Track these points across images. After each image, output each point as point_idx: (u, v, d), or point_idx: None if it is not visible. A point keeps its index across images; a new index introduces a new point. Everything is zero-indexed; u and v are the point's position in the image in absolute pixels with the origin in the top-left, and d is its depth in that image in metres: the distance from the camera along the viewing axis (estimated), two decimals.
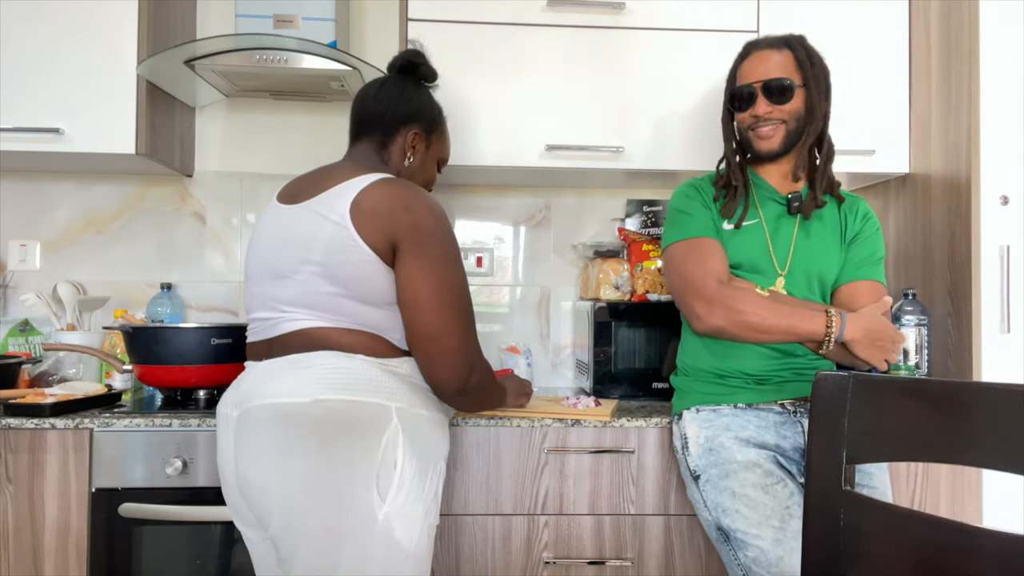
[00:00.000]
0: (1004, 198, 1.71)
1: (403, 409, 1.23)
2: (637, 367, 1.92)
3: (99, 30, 1.82)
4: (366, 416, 1.19)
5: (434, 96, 1.49)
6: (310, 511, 1.16)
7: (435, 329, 1.24)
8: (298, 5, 1.92)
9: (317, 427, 1.17)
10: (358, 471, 1.17)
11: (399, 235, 1.22)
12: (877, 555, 0.86)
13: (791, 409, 1.47)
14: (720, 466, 1.41)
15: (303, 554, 1.17)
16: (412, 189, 1.27)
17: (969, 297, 1.72)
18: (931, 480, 1.67)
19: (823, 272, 1.50)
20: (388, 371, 1.24)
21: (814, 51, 1.51)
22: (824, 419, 0.92)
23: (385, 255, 1.23)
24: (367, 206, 1.23)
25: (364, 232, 1.21)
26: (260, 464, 1.19)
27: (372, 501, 1.17)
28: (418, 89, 1.45)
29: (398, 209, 1.23)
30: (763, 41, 1.52)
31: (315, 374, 1.20)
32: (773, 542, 1.33)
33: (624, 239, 2.07)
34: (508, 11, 1.89)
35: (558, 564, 1.62)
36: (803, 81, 1.47)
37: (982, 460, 0.82)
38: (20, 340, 2.08)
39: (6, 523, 1.55)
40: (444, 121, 1.50)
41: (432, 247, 1.24)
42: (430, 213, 1.26)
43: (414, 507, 1.22)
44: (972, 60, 1.72)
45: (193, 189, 2.22)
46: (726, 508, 1.39)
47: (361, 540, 1.17)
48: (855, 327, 1.39)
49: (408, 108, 1.41)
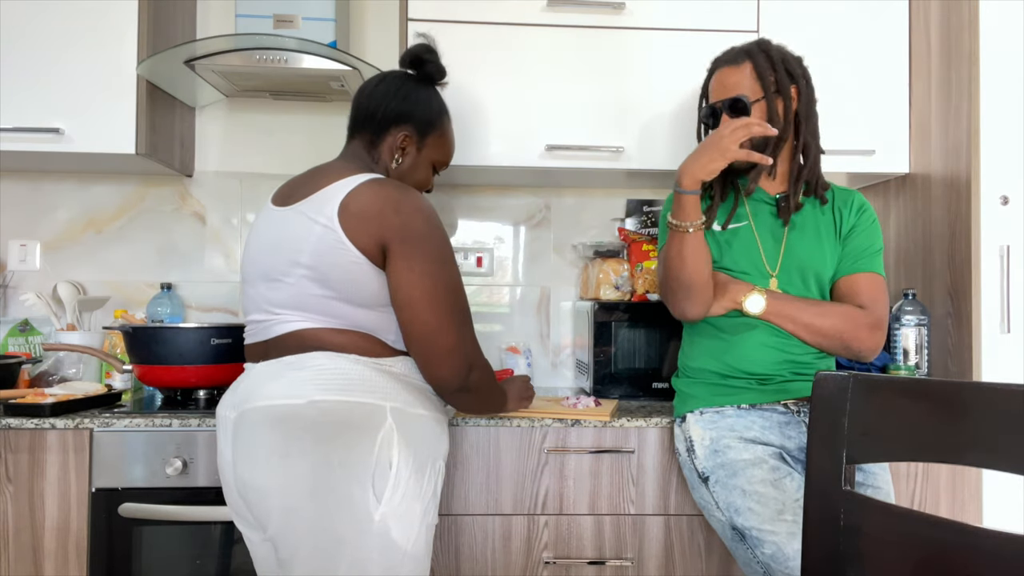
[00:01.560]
0: (1004, 198, 1.71)
1: (398, 409, 1.22)
2: (637, 367, 1.92)
3: (99, 30, 1.82)
4: (361, 416, 1.19)
5: (439, 96, 1.45)
6: (308, 512, 1.17)
7: (431, 329, 1.23)
8: (298, 5, 1.92)
9: (313, 428, 1.17)
10: (354, 472, 1.17)
11: (388, 237, 1.21)
12: (877, 555, 0.86)
13: (795, 409, 1.47)
14: (727, 466, 1.41)
15: (302, 555, 1.17)
16: (401, 190, 1.26)
17: (969, 297, 1.72)
18: (931, 480, 1.67)
19: (817, 269, 1.50)
20: (382, 371, 1.24)
21: (779, 53, 1.49)
22: (824, 419, 0.92)
23: (375, 257, 1.22)
24: (355, 209, 1.22)
25: (353, 235, 1.21)
26: (258, 466, 1.19)
27: (368, 501, 1.17)
28: (418, 87, 1.42)
29: (387, 211, 1.22)
30: (725, 57, 1.53)
31: (309, 375, 1.20)
32: (789, 536, 1.32)
33: (624, 239, 2.07)
34: (508, 11, 1.89)
35: (558, 564, 1.62)
36: (763, 94, 1.46)
37: (982, 460, 0.82)
38: (20, 340, 2.08)
39: (6, 523, 1.55)
40: (444, 123, 1.45)
41: (423, 248, 1.23)
42: (419, 213, 1.24)
43: (411, 507, 1.22)
44: (972, 60, 1.72)
45: (193, 189, 2.22)
46: (738, 507, 1.39)
47: (358, 541, 1.17)
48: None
49: (401, 107, 1.38)
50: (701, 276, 1.43)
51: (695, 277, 1.42)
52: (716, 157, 1.37)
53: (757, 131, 1.37)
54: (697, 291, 1.44)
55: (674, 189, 1.42)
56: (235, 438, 1.23)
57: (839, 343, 1.46)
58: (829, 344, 1.46)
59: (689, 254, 1.42)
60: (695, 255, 1.42)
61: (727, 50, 1.54)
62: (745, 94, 1.47)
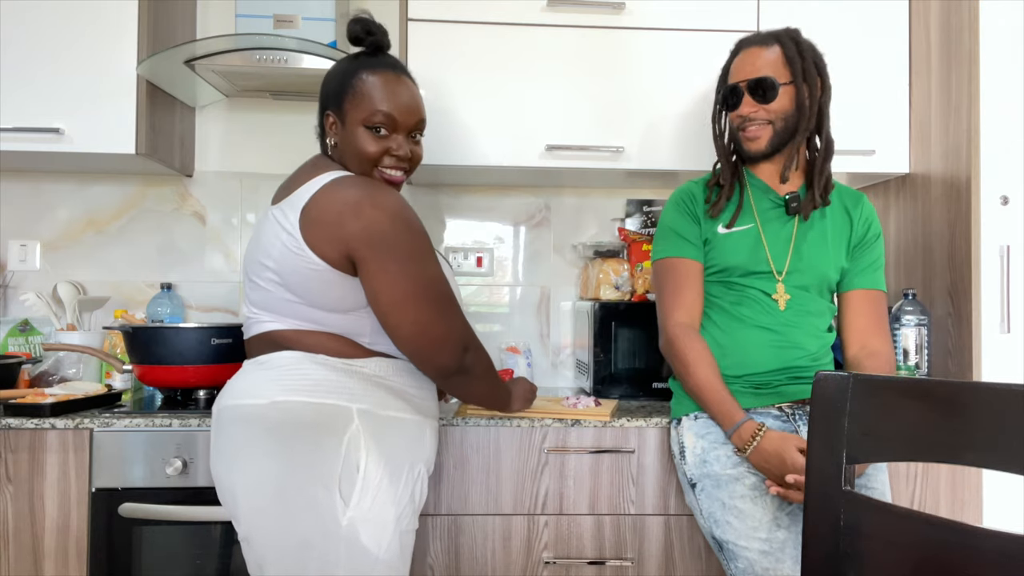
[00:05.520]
0: (1004, 198, 1.71)
1: (366, 410, 1.20)
2: (637, 367, 1.91)
3: (99, 30, 1.82)
4: (325, 418, 1.17)
5: (355, 59, 1.31)
6: (274, 513, 1.16)
7: (421, 326, 1.21)
8: (298, 5, 1.92)
9: (276, 429, 1.17)
10: (318, 474, 1.15)
11: (353, 245, 1.17)
12: (877, 555, 0.86)
13: (789, 412, 1.47)
14: (712, 477, 1.41)
15: (271, 557, 1.18)
16: (359, 188, 1.21)
17: (969, 297, 1.72)
18: (931, 480, 1.67)
19: (825, 273, 1.49)
20: (352, 372, 1.22)
21: (807, 45, 1.48)
22: (824, 419, 0.92)
23: (341, 265, 1.18)
24: (314, 215, 1.18)
25: (313, 242, 1.17)
26: (225, 464, 1.21)
27: (334, 505, 1.15)
28: (340, 62, 1.33)
29: (346, 215, 1.17)
30: (753, 38, 1.51)
31: (275, 375, 1.20)
32: (760, 553, 1.33)
33: (624, 239, 2.06)
34: (508, 11, 1.88)
35: (558, 564, 1.62)
36: (791, 78, 1.45)
37: (982, 460, 0.82)
38: (20, 340, 2.08)
39: (6, 523, 1.55)
40: (356, 81, 1.28)
41: (393, 249, 1.18)
42: (381, 212, 1.18)
43: (383, 512, 1.19)
44: (972, 60, 1.72)
45: (193, 189, 2.22)
46: (717, 519, 1.39)
47: (325, 544, 1.15)
48: (758, 457, 1.35)
49: (322, 92, 1.33)
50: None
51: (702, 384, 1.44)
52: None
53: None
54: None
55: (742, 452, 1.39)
56: (212, 436, 1.25)
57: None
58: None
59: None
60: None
61: (753, 33, 1.52)
62: (774, 75, 1.45)
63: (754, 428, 1.36)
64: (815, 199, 1.48)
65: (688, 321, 1.48)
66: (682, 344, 1.45)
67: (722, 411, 1.40)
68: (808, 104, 1.45)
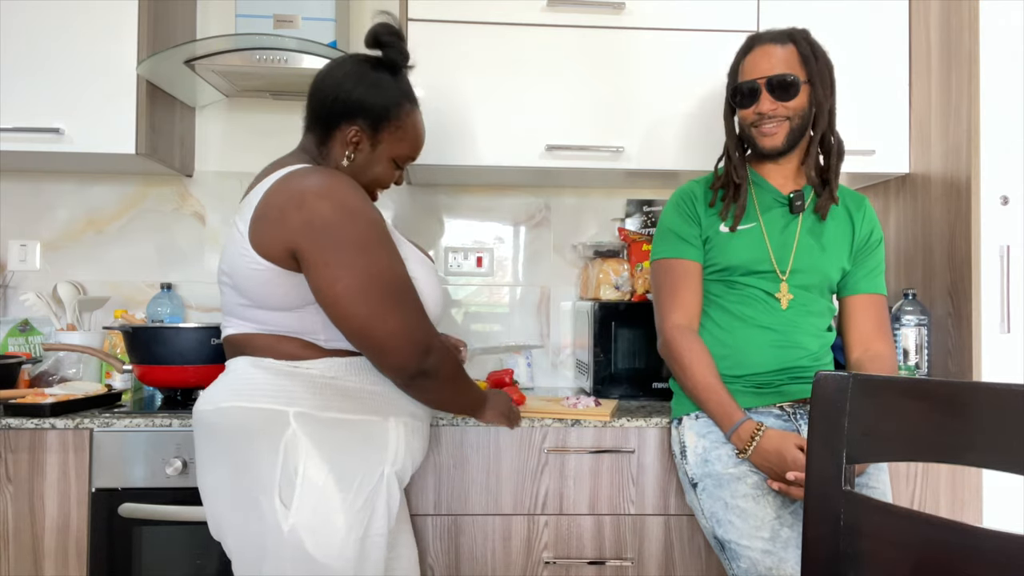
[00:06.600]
0: (1004, 198, 1.71)
1: (304, 413, 1.16)
2: (637, 367, 1.91)
3: (99, 30, 1.82)
4: (259, 422, 1.16)
5: (400, 83, 1.31)
6: (230, 519, 1.19)
7: (363, 320, 1.14)
8: (298, 5, 1.92)
9: (219, 434, 1.19)
10: (258, 479, 1.14)
11: (294, 240, 1.13)
12: (877, 555, 0.86)
13: (790, 411, 1.47)
14: (714, 476, 1.41)
15: (237, 559, 1.21)
16: (308, 177, 1.16)
17: (969, 297, 1.72)
18: (931, 480, 1.67)
19: (827, 273, 1.50)
20: (295, 374, 1.18)
21: (818, 45, 1.48)
22: (824, 419, 0.91)
23: (284, 262, 1.15)
24: (261, 211, 1.15)
25: (256, 240, 1.15)
26: (197, 469, 1.24)
27: (275, 510, 1.13)
28: (375, 74, 1.28)
29: (288, 210, 1.13)
30: (766, 35, 1.50)
31: (228, 380, 1.22)
32: (762, 553, 1.33)
33: (624, 239, 2.06)
34: (508, 11, 1.88)
35: (558, 564, 1.62)
36: (807, 77, 1.45)
37: (982, 460, 0.82)
38: (20, 340, 2.08)
39: (6, 523, 1.55)
40: (403, 114, 1.29)
41: (334, 239, 1.13)
42: (326, 201, 1.13)
43: (329, 519, 1.14)
44: (972, 60, 1.72)
45: (193, 189, 2.22)
46: (720, 519, 1.39)
47: (272, 551, 1.14)
48: (759, 457, 1.35)
49: (351, 99, 1.26)
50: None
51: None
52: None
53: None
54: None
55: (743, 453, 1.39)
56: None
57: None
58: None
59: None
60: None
61: (766, 30, 1.52)
62: (793, 73, 1.44)
63: (753, 428, 1.36)
64: (832, 197, 1.49)
65: (685, 322, 1.48)
66: (679, 345, 1.45)
67: (721, 412, 1.40)
68: (822, 103, 1.46)
